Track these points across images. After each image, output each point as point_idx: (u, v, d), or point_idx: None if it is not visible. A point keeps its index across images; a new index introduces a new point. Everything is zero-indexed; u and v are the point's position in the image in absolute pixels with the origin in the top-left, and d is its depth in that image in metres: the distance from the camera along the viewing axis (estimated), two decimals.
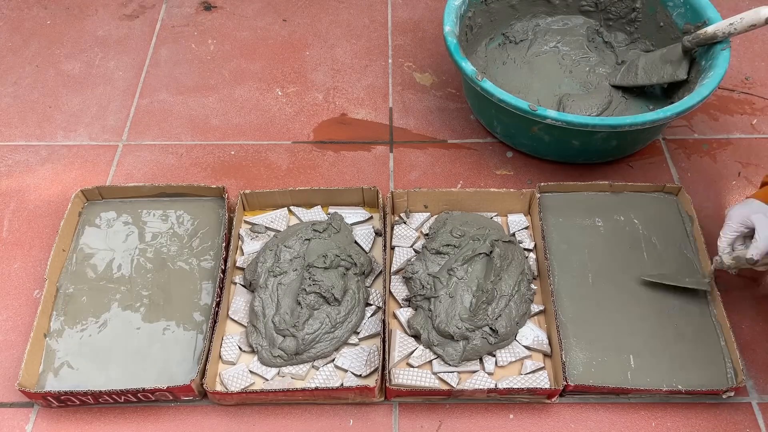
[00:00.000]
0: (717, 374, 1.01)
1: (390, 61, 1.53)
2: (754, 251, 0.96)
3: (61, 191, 1.28)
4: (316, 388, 0.96)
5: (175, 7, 1.65)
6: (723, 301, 1.07)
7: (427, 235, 1.18)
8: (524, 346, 1.04)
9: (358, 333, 1.06)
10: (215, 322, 1.03)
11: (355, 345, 1.05)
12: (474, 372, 1.02)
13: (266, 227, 1.18)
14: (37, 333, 1.03)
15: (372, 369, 1.02)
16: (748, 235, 1.01)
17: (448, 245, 1.12)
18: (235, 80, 1.49)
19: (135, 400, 0.99)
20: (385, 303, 1.04)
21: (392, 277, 1.12)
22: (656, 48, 1.39)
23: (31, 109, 1.43)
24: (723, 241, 1.02)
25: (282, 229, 1.18)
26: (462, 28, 1.32)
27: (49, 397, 0.97)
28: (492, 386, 0.99)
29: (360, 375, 1.02)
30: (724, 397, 0.99)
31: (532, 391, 0.97)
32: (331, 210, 1.20)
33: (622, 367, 1.02)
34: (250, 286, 1.11)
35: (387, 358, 0.99)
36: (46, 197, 1.27)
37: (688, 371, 1.01)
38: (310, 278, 1.06)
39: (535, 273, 1.13)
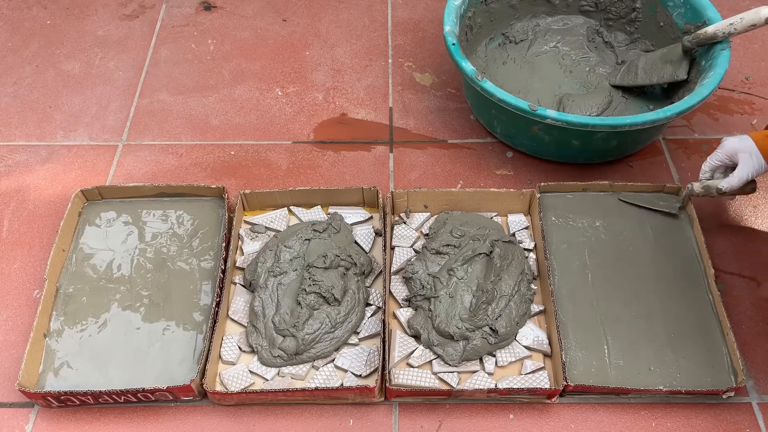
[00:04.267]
0: (717, 374, 1.01)
1: (390, 61, 1.53)
2: (725, 184, 1.06)
3: (61, 191, 1.28)
4: (316, 388, 0.96)
5: (175, 7, 1.65)
6: (723, 301, 1.07)
7: (427, 235, 1.18)
8: (524, 346, 1.04)
9: (358, 333, 1.06)
10: (215, 322, 1.03)
11: (355, 345, 1.05)
12: (474, 372, 1.02)
13: (266, 227, 1.18)
14: (37, 333, 1.03)
15: (372, 369, 1.02)
16: (730, 167, 1.07)
17: (448, 245, 1.12)
18: (235, 80, 1.49)
19: (135, 400, 0.99)
20: (385, 303, 1.04)
21: (392, 277, 1.12)
22: (656, 48, 1.39)
23: (31, 109, 1.43)
24: (707, 165, 1.10)
25: (282, 229, 1.18)
26: (462, 28, 1.32)
27: (49, 397, 0.97)
28: (492, 386, 0.99)
29: (360, 375, 1.02)
30: (724, 397, 0.99)
31: (532, 391, 0.97)
32: (331, 210, 1.20)
33: (622, 367, 1.01)
34: (250, 286, 1.11)
35: (387, 358, 0.99)
36: (46, 197, 1.27)
37: (688, 371, 1.01)
38: (310, 278, 1.06)
39: (535, 273, 1.13)
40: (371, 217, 1.21)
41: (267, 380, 1.01)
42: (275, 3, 1.66)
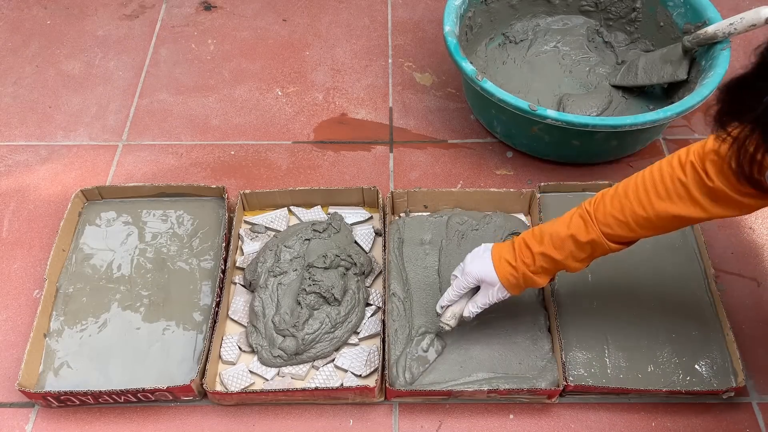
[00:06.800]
0: (717, 374, 1.01)
1: (390, 61, 1.53)
2: (467, 312, 0.94)
3: (61, 191, 1.28)
4: (316, 388, 0.96)
5: (175, 7, 1.65)
6: (723, 301, 1.07)
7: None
8: None
9: (358, 333, 1.06)
10: (215, 322, 1.03)
11: (355, 345, 1.05)
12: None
13: (266, 227, 1.18)
14: (37, 333, 1.03)
15: (372, 369, 1.02)
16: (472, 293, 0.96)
17: None
18: (235, 80, 1.49)
19: (135, 400, 0.99)
20: (384, 303, 1.04)
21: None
22: (656, 48, 1.39)
23: (31, 109, 1.43)
24: (445, 300, 0.96)
25: (282, 229, 1.18)
26: (462, 28, 1.32)
27: (49, 397, 0.97)
28: (492, 386, 0.99)
29: (360, 375, 1.02)
30: (724, 397, 0.99)
31: (532, 392, 0.97)
32: (331, 210, 1.20)
33: (622, 367, 1.01)
34: (250, 286, 1.11)
35: (387, 358, 0.99)
36: (46, 197, 1.27)
37: (688, 371, 1.01)
38: (310, 278, 1.06)
39: None
40: (371, 217, 1.21)
41: (267, 380, 1.01)
42: (275, 3, 1.66)
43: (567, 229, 0.86)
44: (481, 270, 0.90)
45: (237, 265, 1.14)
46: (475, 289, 0.94)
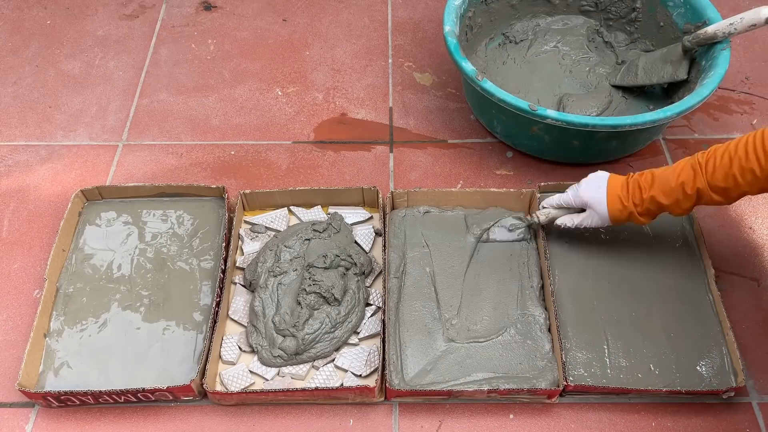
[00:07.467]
0: (717, 374, 1.01)
1: (390, 61, 1.53)
2: (562, 222, 1.08)
3: (61, 191, 1.28)
4: (316, 388, 0.96)
5: (175, 7, 1.65)
6: (723, 301, 1.07)
7: None
8: None
9: (358, 333, 1.06)
10: (215, 322, 1.03)
11: (355, 345, 1.05)
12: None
13: (266, 227, 1.18)
14: (37, 333, 1.03)
15: (372, 369, 1.02)
16: (575, 210, 1.09)
17: None
18: (235, 80, 1.49)
19: (135, 400, 0.99)
20: (384, 303, 1.04)
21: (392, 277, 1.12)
22: (656, 48, 1.39)
23: (31, 109, 1.43)
24: (555, 200, 1.09)
25: (282, 229, 1.18)
26: (462, 28, 1.32)
27: (49, 397, 0.97)
28: (492, 386, 0.99)
29: (360, 375, 1.02)
30: (724, 397, 0.99)
31: (532, 391, 0.97)
32: (331, 210, 1.20)
33: (622, 367, 1.01)
34: (250, 286, 1.11)
35: (387, 359, 0.99)
36: (46, 197, 1.27)
37: (688, 371, 1.01)
38: (310, 278, 1.06)
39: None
40: (371, 217, 1.21)
41: (267, 380, 1.01)
42: (275, 3, 1.66)
43: (677, 178, 0.95)
44: (593, 198, 1.02)
45: (237, 265, 1.14)
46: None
